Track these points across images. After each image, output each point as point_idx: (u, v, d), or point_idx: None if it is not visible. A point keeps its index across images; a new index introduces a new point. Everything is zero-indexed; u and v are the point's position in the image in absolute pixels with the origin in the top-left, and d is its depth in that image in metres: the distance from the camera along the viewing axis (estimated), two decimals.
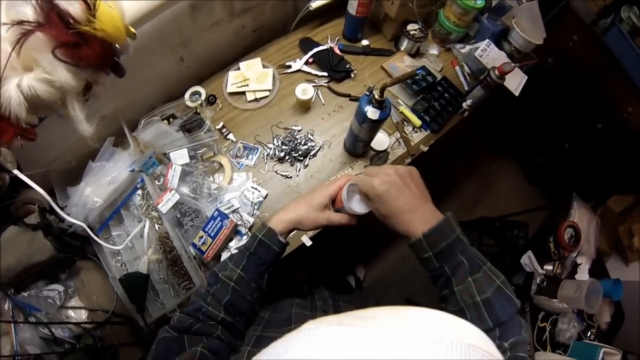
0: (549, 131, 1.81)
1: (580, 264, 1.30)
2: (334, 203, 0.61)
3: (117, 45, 0.57)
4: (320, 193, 0.59)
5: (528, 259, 1.22)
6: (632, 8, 1.34)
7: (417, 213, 0.49)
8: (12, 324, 0.79)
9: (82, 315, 0.87)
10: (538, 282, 1.19)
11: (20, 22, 0.46)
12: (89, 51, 0.51)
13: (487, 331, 0.43)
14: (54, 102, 0.51)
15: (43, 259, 0.77)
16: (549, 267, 1.22)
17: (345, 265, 1.85)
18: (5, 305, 0.80)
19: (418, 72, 1.11)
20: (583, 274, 1.28)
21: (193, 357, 0.44)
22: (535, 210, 1.67)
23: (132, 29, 0.58)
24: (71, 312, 0.87)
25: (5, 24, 0.46)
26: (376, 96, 0.75)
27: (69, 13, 0.48)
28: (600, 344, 1.10)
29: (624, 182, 1.64)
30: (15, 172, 0.58)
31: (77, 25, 0.48)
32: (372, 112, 0.78)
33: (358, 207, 0.57)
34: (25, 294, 0.83)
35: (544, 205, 1.73)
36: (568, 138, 1.75)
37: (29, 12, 0.46)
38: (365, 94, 0.78)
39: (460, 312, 0.46)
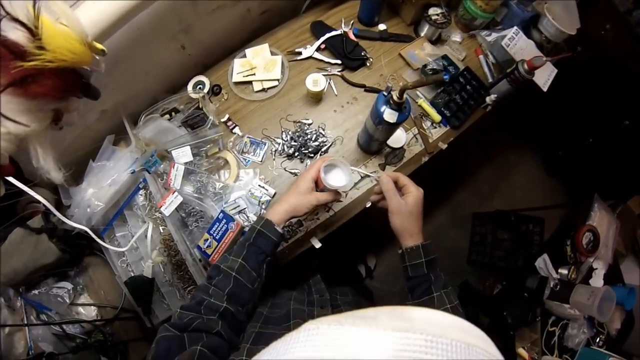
0: (573, 123, 1.72)
1: (596, 268, 1.25)
2: (317, 186, 0.69)
3: (84, 67, 0.49)
4: (303, 179, 0.67)
5: (543, 262, 1.18)
6: None
7: (421, 228, 0.64)
8: (26, 321, 0.80)
9: (92, 311, 0.88)
10: (551, 286, 1.16)
11: None
12: (42, 87, 0.42)
13: None
14: (14, 149, 0.44)
15: (49, 261, 0.77)
16: (564, 272, 1.18)
17: (356, 254, 1.84)
18: (18, 304, 0.81)
19: (445, 75, 1.01)
20: (598, 280, 1.24)
21: (192, 356, 0.44)
22: (553, 208, 1.61)
23: (99, 45, 0.51)
24: (81, 309, 0.87)
25: None
26: (395, 97, 0.68)
27: (17, 44, 0.39)
28: (608, 353, 1.07)
29: None
30: (14, 181, 0.55)
31: (19, 63, 0.39)
32: (389, 114, 0.71)
33: (335, 182, 0.67)
34: (36, 292, 0.84)
35: (563, 203, 1.66)
36: (593, 132, 1.66)
37: None
38: (383, 94, 0.71)
39: None
